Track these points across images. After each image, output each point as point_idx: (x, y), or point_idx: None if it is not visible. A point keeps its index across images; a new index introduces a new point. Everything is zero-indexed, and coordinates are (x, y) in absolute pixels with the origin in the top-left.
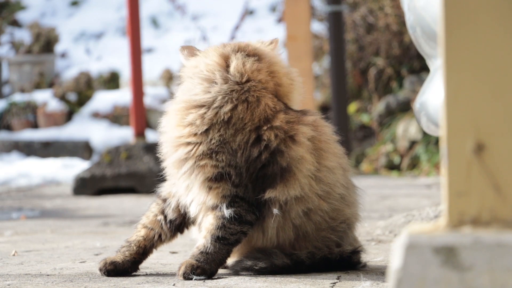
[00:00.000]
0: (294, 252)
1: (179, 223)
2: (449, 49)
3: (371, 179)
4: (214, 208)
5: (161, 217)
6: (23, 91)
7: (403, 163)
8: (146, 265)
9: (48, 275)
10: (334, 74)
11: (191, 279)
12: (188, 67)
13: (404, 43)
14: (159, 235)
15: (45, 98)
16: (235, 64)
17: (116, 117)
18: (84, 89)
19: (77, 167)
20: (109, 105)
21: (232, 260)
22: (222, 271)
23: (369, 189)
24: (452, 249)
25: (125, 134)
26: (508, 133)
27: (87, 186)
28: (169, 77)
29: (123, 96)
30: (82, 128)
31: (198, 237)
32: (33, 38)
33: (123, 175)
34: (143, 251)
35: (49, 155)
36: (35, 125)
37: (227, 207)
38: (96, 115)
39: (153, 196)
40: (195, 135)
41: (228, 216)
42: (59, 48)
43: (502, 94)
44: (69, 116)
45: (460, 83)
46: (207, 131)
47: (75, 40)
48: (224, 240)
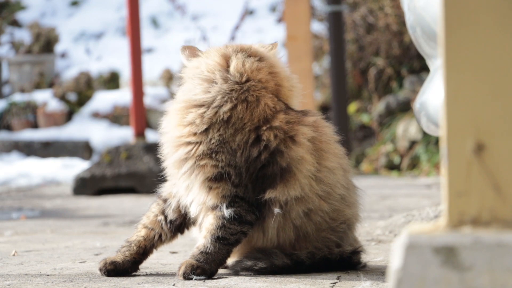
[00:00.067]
0: (294, 252)
1: (180, 224)
2: (449, 49)
3: (371, 179)
4: (214, 208)
5: (161, 218)
6: (23, 91)
7: (403, 163)
8: (146, 265)
9: (48, 275)
10: (334, 74)
11: (191, 279)
12: (189, 68)
13: (404, 43)
14: (160, 235)
15: (45, 98)
16: (235, 63)
17: (116, 117)
18: (84, 89)
19: (77, 167)
20: (109, 105)
21: (232, 260)
22: (222, 271)
23: (369, 189)
24: (452, 249)
25: (125, 134)
26: (508, 133)
27: (87, 186)
28: (169, 77)
29: (123, 96)
30: (82, 128)
31: (198, 237)
32: (33, 38)
33: (123, 175)
34: (143, 251)
35: (49, 155)
36: (35, 125)
37: (227, 207)
38: (96, 115)
39: (153, 196)
40: (195, 134)
41: (228, 216)
42: (59, 48)
43: (502, 94)
44: (69, 116)
45: (460, 83)
46: (206, 131)
47: (75, 40)
48: (224, 240)
